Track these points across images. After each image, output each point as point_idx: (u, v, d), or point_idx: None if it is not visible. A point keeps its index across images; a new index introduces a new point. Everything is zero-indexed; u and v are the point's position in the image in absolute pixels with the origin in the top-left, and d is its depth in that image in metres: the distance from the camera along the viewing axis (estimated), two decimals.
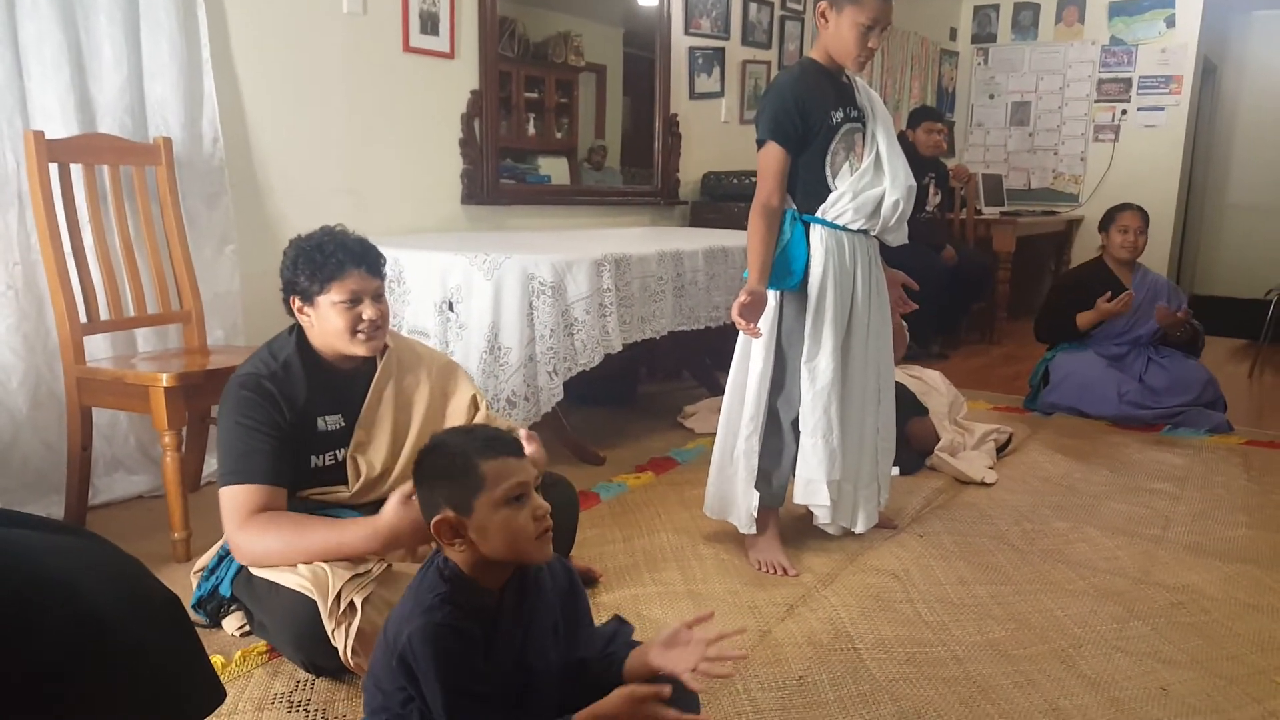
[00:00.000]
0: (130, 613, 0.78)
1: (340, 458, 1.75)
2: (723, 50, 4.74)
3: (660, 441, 3.21)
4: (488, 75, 3.48)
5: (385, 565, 1.62)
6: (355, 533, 1.59)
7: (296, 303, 1.73)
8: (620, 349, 2.76)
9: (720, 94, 4.76)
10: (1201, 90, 6.90)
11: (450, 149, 3.43)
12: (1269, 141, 7.31)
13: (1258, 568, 2.22)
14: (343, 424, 1.76)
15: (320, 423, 1.73)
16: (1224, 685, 1.68)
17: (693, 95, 4.59)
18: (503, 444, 1.22)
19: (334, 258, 1.69)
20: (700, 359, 3.77)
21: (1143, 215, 3.64)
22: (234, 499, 1.64)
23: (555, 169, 4.01)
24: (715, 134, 4.75)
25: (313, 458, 1.73)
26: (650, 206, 4.41)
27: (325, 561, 1.59)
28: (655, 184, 4.41)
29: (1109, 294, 3.58)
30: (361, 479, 1.76)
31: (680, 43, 4.45)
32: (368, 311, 1.71)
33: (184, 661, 0.84)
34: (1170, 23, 6.49)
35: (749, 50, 4.92)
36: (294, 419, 1.69)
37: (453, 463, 1.20)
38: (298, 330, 1.78)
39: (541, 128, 3.98)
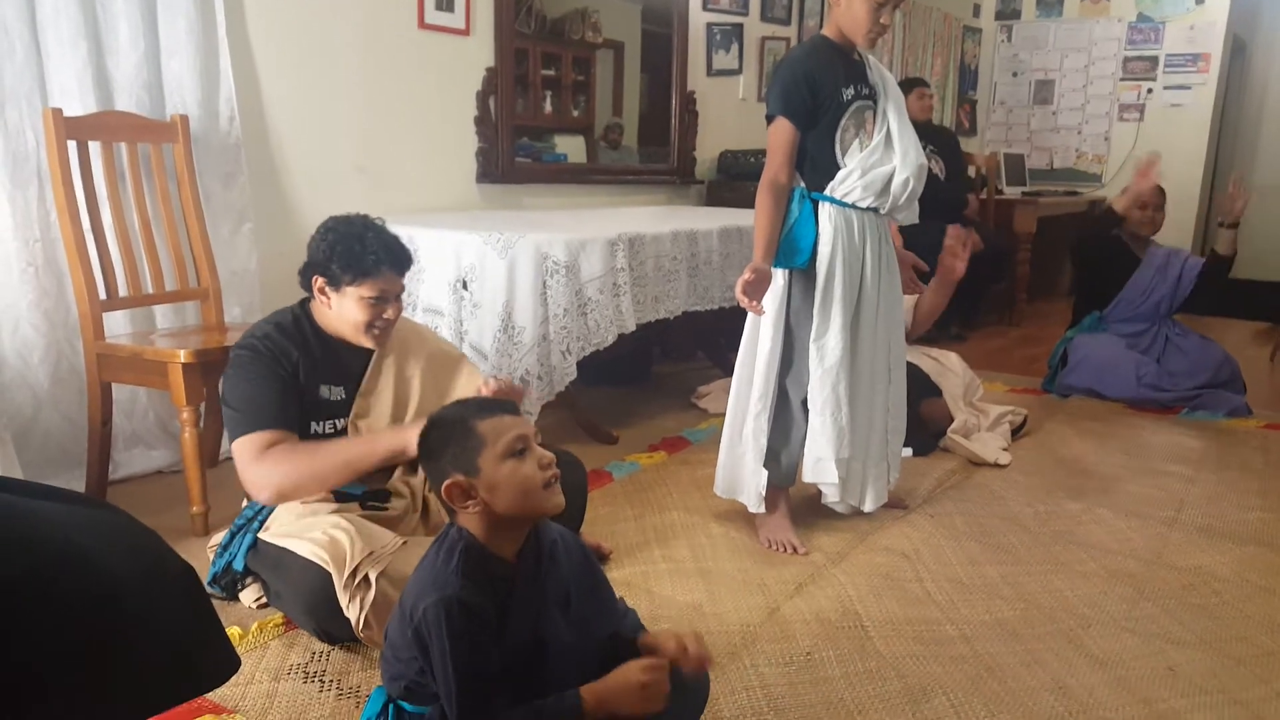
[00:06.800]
0: (146, 583, 0.80)
1: (340, 426, 1.81)
2: (741, 26, 4.69)
3: (673, 421, 3.22)
4: (503, 52, 3.47)
5: (402, 541, 1.64)
6: (370, 441, 1.70)
7: (319, 283, 1.75)
8: (634, 329, 2.76)
9: (738, 71, 4.73)
10: (1230, 69, 6.77)
11: (465, 127, 3.43)
12: None
13: (1271, 550, 2.21)
14: (344, 395, 1.81)
15: (324, 390, 1.79)
16: (1232, 666, 1.68)
17: (710, 72, 4.56)
18: (495, 404, 1.27)
19: (373, 254, 1.72)
20: (715, 339, 3.77)
21: (1161, 192, 3.64)
22: (245, 447, 1.68)
23: (572, 147, 4.00)
24: (732, 112, 4.71)
25: (313, 424, 1.78)
26: (666, 185, 4.40)
27: (345, 484, 1.70)
28: (672, 162, 4.39)
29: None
30: None
31: (698, 19, 4.41)
32: (388, 311, 1.77)
33: (198, 630, 0.86)
34: None
35: (768, 26, 4.88)
36: (291, 371, 1.73)
37: (451, 429, 1.23)
38: (301, 305, 1.83)
39: (558, 106, 3.96)
